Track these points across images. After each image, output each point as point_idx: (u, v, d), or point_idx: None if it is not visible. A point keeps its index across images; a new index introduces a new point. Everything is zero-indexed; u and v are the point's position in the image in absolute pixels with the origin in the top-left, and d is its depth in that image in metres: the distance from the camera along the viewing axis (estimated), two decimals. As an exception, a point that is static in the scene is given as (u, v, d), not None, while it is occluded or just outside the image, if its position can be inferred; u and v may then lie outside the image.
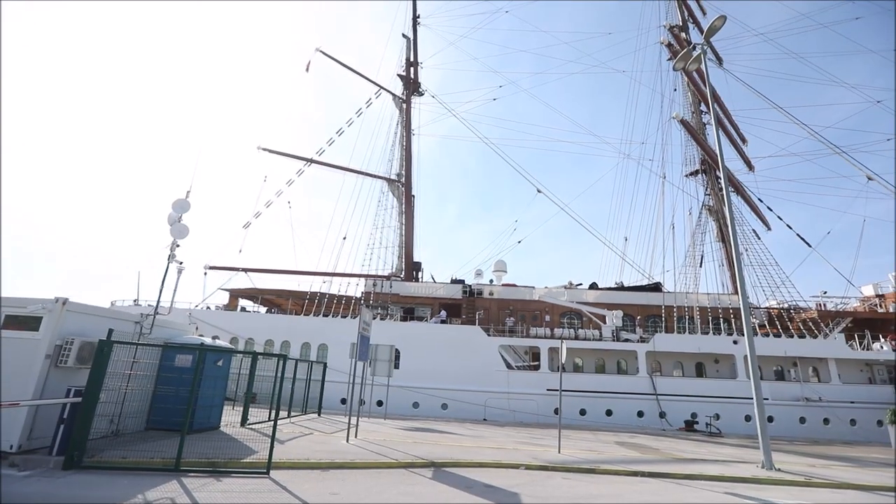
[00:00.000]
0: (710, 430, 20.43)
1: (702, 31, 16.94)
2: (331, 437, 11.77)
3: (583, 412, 21.70)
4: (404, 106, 34.41)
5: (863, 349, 23.84)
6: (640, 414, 21.92)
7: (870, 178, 27.20)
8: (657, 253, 29.61)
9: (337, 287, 27.19)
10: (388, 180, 32.46)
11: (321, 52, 33.60)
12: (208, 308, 26.08)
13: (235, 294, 27.95)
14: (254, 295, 28.00)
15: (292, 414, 15.48)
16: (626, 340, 23.75)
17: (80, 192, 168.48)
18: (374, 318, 23.86)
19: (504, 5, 44.30)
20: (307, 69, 33.54)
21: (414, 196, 32.67)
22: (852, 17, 47.12)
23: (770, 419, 21.53)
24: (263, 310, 29.33)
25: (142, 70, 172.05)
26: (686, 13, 34.11)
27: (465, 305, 26.62)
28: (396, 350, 22.09)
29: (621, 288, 28.33)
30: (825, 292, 28.73)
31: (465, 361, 22.59)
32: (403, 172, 32.78)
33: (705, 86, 15.88)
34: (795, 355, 23.47)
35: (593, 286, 28.34)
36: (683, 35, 32.97)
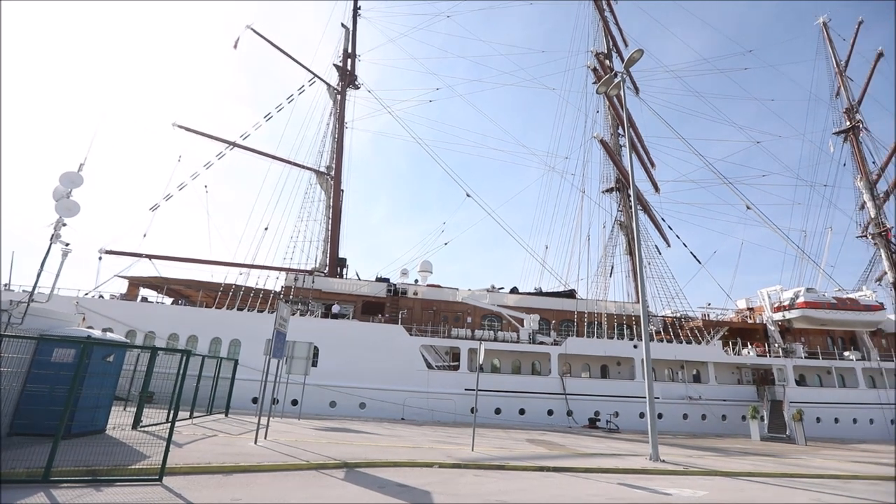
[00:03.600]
0: (610, 426, 22.27)
1: (623, 61, 18.50)
2: (237, 439, 11.07)
3: (498, 411, 22.56)
4: (339, 97, 33.39)
5: (735, 354, 27.44)
6: (550, 412, 23.28)
7: (748, 207, 31.48)
8: (574, 262, 31.69)
9: (255, 280, 25.62)
10: (317, 172, 31.28)
11: (252, 29, 31.51)
12: (101, 297, 23.26)
13: (136, 282, 25.20)
14: (158, 284, 25.42)
15: (196, 415, 14.33)
16: (542, 343, 25.11)
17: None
18: (294, 314, 22.85)
19: (446, 10, 44.77)
20: (235, 46, 31.28)
21: (343, 190, 31.84)
22: (742, 67, 54.16)
23: (660, 416, 24.02)
24: (169, 301, 26.80)
25: (35, 19, 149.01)
26: (611, 43, 36.94)
27: (389, 304, 26.45)
28: (315, 347, 21.37)
29: (540, 293, 29.88)
30: (709, 304, 32.71)
31: (385, 360, 22.43)
32: (333, 166, 31.78)
33: (623, 110, 17.33)
34: (683, 359, 26.39)
35: (514, 290, 29.60)
36: (607, 62, 35.66)
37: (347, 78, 34.07)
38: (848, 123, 41.76)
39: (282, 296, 25.04)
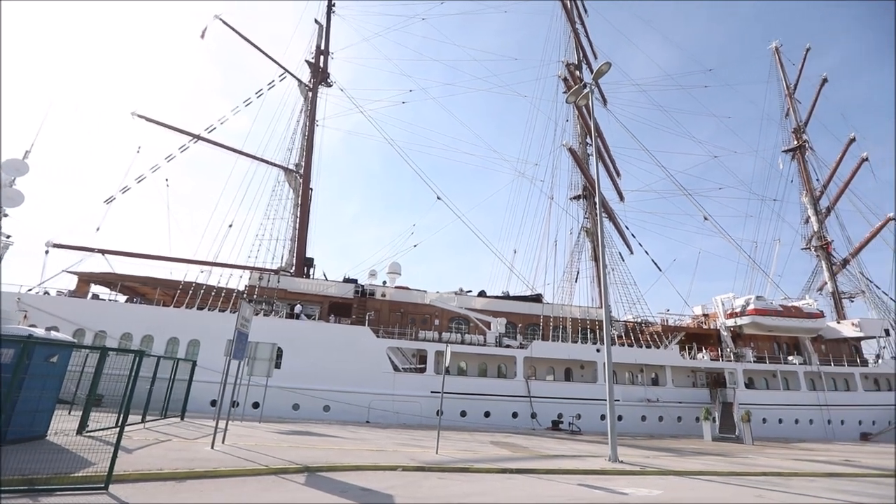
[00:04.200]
0: (572, 428, 22.78)
1: (592, 72, 19.08)
2: (193, 444, 10.64)
3: (464, 414, 22.66)
4: (310, 94, 32.80)
5: (690, 358, 28.66)
6: (515, 415, 23.58)
7: (706, 218, 33.16)
8: (541, 266, 32.31)
9: (217, 278, 24.72)
10: (286, 169, 30.58)
11: (221, 20, 30.53)
12: (47, 293, 21.88)
13: (86, 279, 23.81)
14: (111, 281, 24.12)
15: (149, 418, 13.67)
16: (508, 346, 25.43)
17: None
18: (257, 314, 22.22)
19: (422, 12, 44.83)
20: (202, 36, 30.21)
21: (312, 189, 31.25)
22: (702, 85, 56.93)
23: (620, 418, 24.77)
24: (123, 299, 25.48)
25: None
26: (581, 54, 38.01)
27: (357, 306, 26.14)
28: (279, 349, 20.84)
29: (507, 297, 30.26)
30: (668, 310, 33.99)
31: (351, 362, 22.14)
32: (303, 163, 31.17)
33: (591, 120, 17.86)
34: (643, 363, 27.33)
35: (482, 294, 29.85)
36: (578, 73, 36.64)
37: (320, 75, 33.53)
38: (795, 143, 44.60)
39: (245, 295, 24.30)
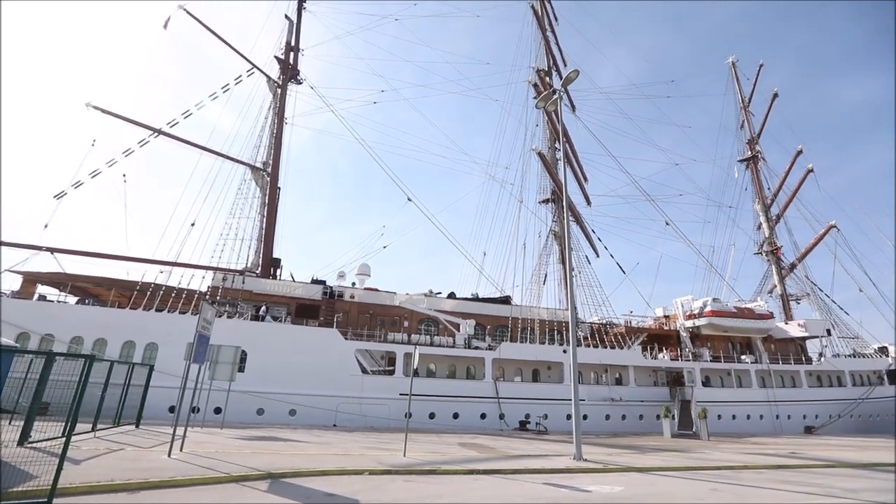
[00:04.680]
0: (539, 428, 23.16)
1: (562, 79, 19.52)
2: (148, 453, 10.18)
3: (432, 415, 22.65)
4: (279, 91, 32.07)
5: (652, 358, 29.71)
6: (483, 416, 23.77)
7: (667, 223, 34.54)
8: (510, 269, 32.74)
9: (177, 279, 23.73)
10: (253, 168, 29.74)
11: (185, 10, 29.42)
12: (-15, 294, 20.40)
13: (32, 279, 22.35)
14: (60, 281, 22.73)
15: (100, 427, 12.97)
16: (476, 348, 25.61)
17: None
18: (221, 316, 21.49)
19: (395, 12, 44.67)
20: (165, 26, 29.00)
21: (280, 188, 30.54)
22: (665, 95, 59.28)
23: (585, 417, 25.39)
24: (74, 300, 24.08)
25: None
26: (551, 61, 38.81)
27: (325, 307, 25.71)
28: (243, 352, 20.24)
29: (476, 299, 30.48)
30: (631, 311, 35.19)
31: (319, 365, 21.74)
32: (271, 162, 30.42)
33: (559, 126, 18.29)
34: (607, 363, 28.12)
35: (451, 295, 29.95)
36: (548, 79, 37.42)
37: (289, 72, 32.83)
38: (749, 153, 47.08)
39: (208, 296, 23.46)
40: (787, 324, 37.66)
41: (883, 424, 33.92)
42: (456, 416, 23.15)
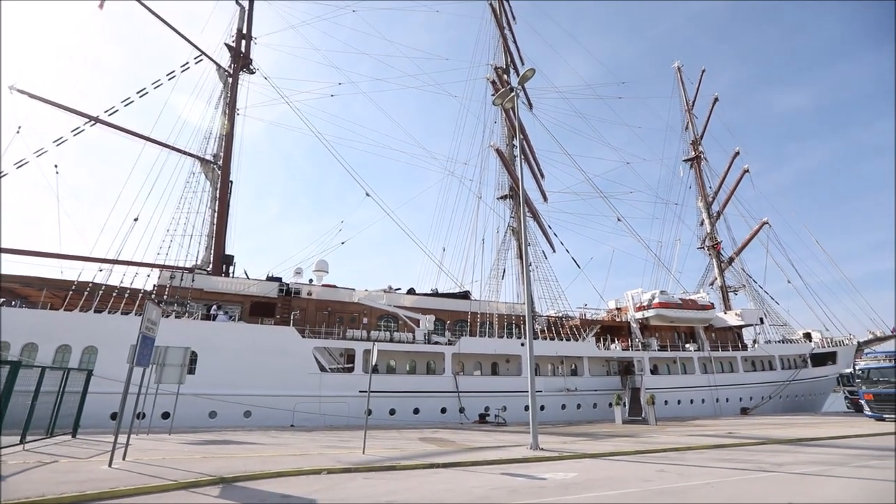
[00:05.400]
0: (498, 420, 23.65)
1: (519, 76, 19.82)
2: (85, 464, 9.54)
3: (392, 412, 22.60)
4: (230, 80, 30.65)
5: (605, 349, 31.01)
6: (444, 410, 23.98)
7: (619, 219, 36.08)
8: (469, 264, 33.10)
9: (119, 278, 22.25)
10: (202, 160, 28.28)
11: (122, -11, 27.42)
12: None
13: (-55, 279, 20.27)
14: (-20, 282, 20.75)
15: (30, 438, 11.98)
16: (436, 343, 25.75)
17: None
18: (168, 316, 20.40)
19: (352, 3, 43.70)
20: (101, 6, 26.91)
21: (232, 182, 29.24)
22: (617, 96, 61.73)
23: (542, 408, 26.18)
24: (-4, 302, 22.03)
25: None
26: (509, 59, 39.38)
27: (281, 305, 24.99)
28: (193, 353, 19.35)
29: (436, 294, 30.63)
30: (586, 304, 36.52)
31: (275, 364, 21.14)
32: (222, 154, 29.06)
33: (516, 123, 18.62)
34: (563, 355, 29.09)
35: (411, 291, 29.92)
36: (505, 77, 37.94)
37: (241, 60, 31.41)
38: (693, 153, 49.94)
39: (154, 295, 22.18)
40: (725, 313, 40.43)
41: (807, 403, 37.31)
42: (416, 411, 23.22)
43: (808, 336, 42.08)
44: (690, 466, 10.85)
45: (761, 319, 39.92)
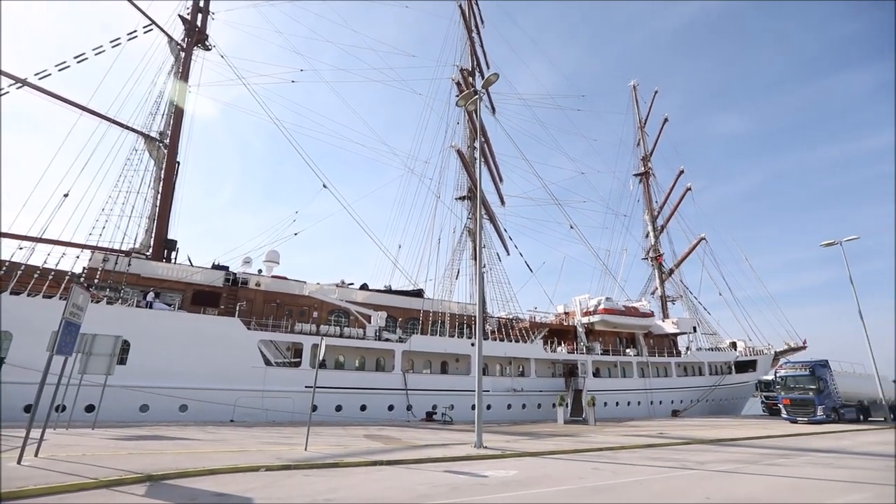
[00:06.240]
0: (445, 418, 23.86)
1: (484, 79, 20.09)
2: (-8, 459, 8.70)
3: (339, 408, 22.23)
4: (182, 55, 28.88)
5: (551, 351, 32.06)
6: (391, 408, 23.87)
7: (571, 227, 37.39)
8: (424, 263, 33.04)
9: (43, 258, 20.38)
10: (146, 137, 26.46)
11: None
12: None
13: None
14: None
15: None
16: (387, 340, 25.58)
17: None
18: (98, 301, 18.97)
19: (319, -12, 42.42)
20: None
21: (179, 163, 27.56)
22: (576, 108, 63.95)
23: (489, 407, 26.68)
24: None
25: None
26: (475, 62, 39.76)
27: (227, 295, 23.90)
28: (125, 342, 18.12)
29: (389, 291, 30.40)
30: (536, 308, 37.58)
31: (217, 356, 20.19)
32: (169, 133, 27.34)
33: (478, 125, 18.87)
34: (512, 356, 29.78)
35: (364, 287, 29.52)
36: (471, 79, 38.27)
37: (195, 35, 29.66)
38: (643, 169, 52.65)
39: (83, 279, 20.53)
40: (664, 321, 42.99)
41: (729, 406, 40.48)
42: (364, 408, 22.96)
43: (733, 345, 45.57)
44: (623, 465, 11.46)
45: (694, 328, 42.79)
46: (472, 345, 27.61)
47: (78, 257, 21.60)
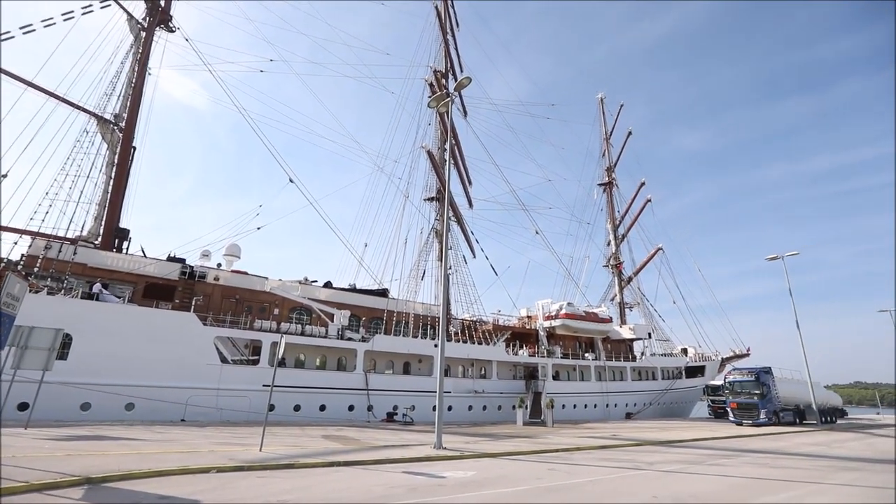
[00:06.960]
0: (406, 419, 23.77)
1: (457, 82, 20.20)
2: None
3: (297, 408, 21.71)
4: (143, 35, 27.46)
5: (513, 354, 32.55)
6: (352, 408, 23.55)
7: (537, 232, 38.13)
8: (390, 262, 32.75)
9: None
10: (99, 118, 24.96)
11: None
12: None
13: None
14: None
15: None
16: (350, 339, 25.22)
17: None
18: (38, 292, 17.72)
19: (294, -22, 41.41)
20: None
21: (135, 148, 26.18)
22: (546, 116, 65.47)
23: (450, 408, 26.79)
24: None
25: None
26: (449, 64, 39.89)
27: (182, 288, 22.89)
28: (67, 335, 17.03)
29: (353, 290, 29.98)
30: (499, 311, 38.03)
31: (169, 353, 19.28)
32: (125, 116, 25.90)
33: (449, 128, 18.95)
34: (474, 357, 30.03)
35: (328, 285, 29.00)
36: (444, 81, 38.39)
37: (158, 15, 28.27)
38: (607, 179, 54.44)
39: (21, 267, 19.14)
40: (621, 327, 44.55)
41: (678, 409, 42.47)
42: (323, 408, 22.53)
43: (685, 351, 47.84)
44: (578, 465, 11.80)
45: (649, 334, 44.59)
46: (436, 346, 27.64)
47: (16, 243, 20.19)
